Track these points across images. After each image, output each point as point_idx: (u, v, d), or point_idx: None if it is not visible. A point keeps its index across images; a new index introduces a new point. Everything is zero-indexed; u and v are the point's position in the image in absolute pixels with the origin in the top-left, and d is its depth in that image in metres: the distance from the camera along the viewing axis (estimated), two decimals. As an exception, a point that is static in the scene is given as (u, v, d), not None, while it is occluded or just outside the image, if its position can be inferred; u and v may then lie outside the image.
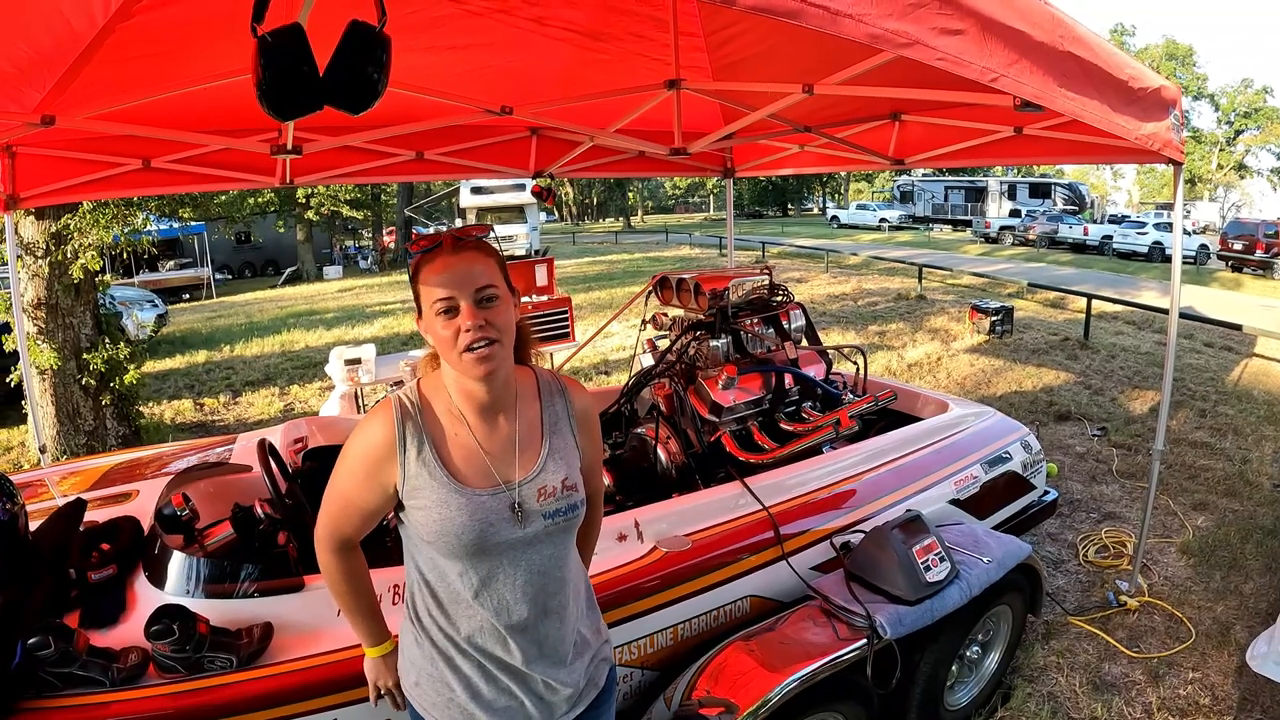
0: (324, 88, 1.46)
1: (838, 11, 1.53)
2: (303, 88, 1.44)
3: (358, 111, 1.49)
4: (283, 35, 1.42)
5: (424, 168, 5.00)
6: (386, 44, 1.51)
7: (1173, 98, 3.16)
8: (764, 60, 3.96)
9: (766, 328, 3.81)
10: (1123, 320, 12.50)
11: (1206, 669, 3.61)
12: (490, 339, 1.46)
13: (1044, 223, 30.83)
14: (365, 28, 1.49)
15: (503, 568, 1.56)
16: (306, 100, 1.45)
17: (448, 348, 1.48)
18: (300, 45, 1.43)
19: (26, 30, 2.52)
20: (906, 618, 2.56)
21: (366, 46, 1.50)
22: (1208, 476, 5.88)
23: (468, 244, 1.52)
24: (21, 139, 3.81)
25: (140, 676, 2.01)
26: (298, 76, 1.43)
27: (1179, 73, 48.69)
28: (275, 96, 1.44)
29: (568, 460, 1.63)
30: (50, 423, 6.38)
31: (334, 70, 1.48)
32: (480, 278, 1.48)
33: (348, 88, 1.49)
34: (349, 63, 1.49)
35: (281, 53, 1.42)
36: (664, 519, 2.74)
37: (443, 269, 1.47)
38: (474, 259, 1.50)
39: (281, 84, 1.43)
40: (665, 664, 2.56)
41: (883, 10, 1.62)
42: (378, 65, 1.51)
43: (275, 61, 1.41)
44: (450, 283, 1.46)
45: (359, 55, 1.49)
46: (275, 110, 1.45)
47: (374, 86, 1.50)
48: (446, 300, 1.46)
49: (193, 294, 25.00)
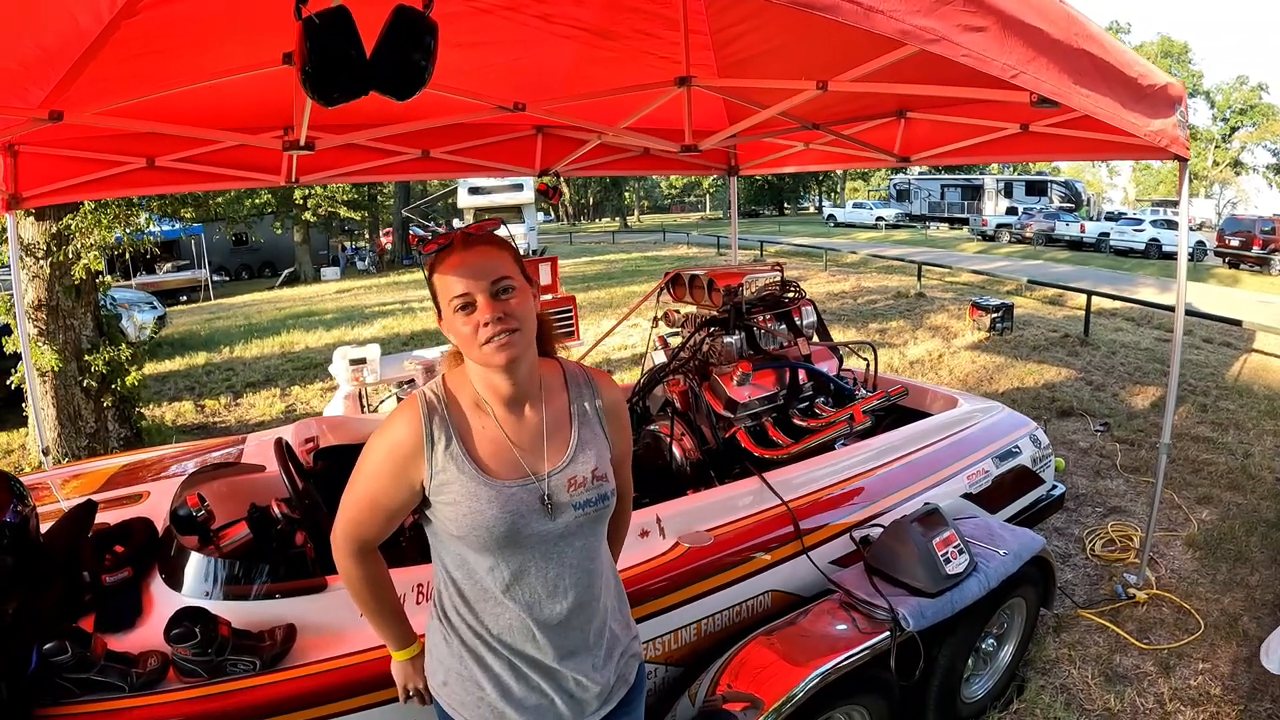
0: (370, 72, 1.44)
1: (871, 7, 1.54)
2: (348, 71, 1.43)
3: (403, 98, 1.47)
4: (329, 17, 1.40)
5: (429, 166, 4.99)
6: (434, 29, 1.49)
7: (1178, 95, 3.17)
8: (772, 58, 3.97)
9: (779, 324, 3.80)
10: (1121, 317, 12.52)
11: (1216, 659, 3.62)
12: (510, 329, 1.46)
13: (1041, 220, 30.87)
14: (413, 12, 1.48)
15: (534, 561, 1.55)
16: (352, 84, 1.44)
17: (469, 343, 1.48)
18: (347, 27, 1.41)
19: (33, 28, 2.52)
20: (928, 610, 2.56)
21: (414, 31, 1.48)
22: (1211, 470, 5.90)
23: (480, 238, 1.52)
24: (24, 138, 3.79)
25: (160, 681, 1.96)
26: (344, 60, 1.41)
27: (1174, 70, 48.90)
28: (320, 79, 1.42)
29: (597, 451, 1.63)
30: (51, 425, 6.34)
31: (380, 55, 1.46)
32: (495, 270, 1.48)
33: (394, 73, 1.47)
34: (396, 48, 1.47)
35: (328, 34, 1.40)
36: (685, 515, 2.73)
37: (458, 265, 1.47)
38: (487, 253, 1.49)
39: (327, 66, 1.41)
40: (689, 660, 2.55)
41: (911, 6, 1.64)
42: (425, 51, 1.49)
43: (321, 44, 1.39)
44: (466, 277, 1.46)
45: (406, 40, 1.47)
46: (319, 93, 1.43)
47: (421, 73, 1.48)
48: (463, 296, 1.46)
49: (190, 296, 24.90)
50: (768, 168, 6.07)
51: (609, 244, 36.41)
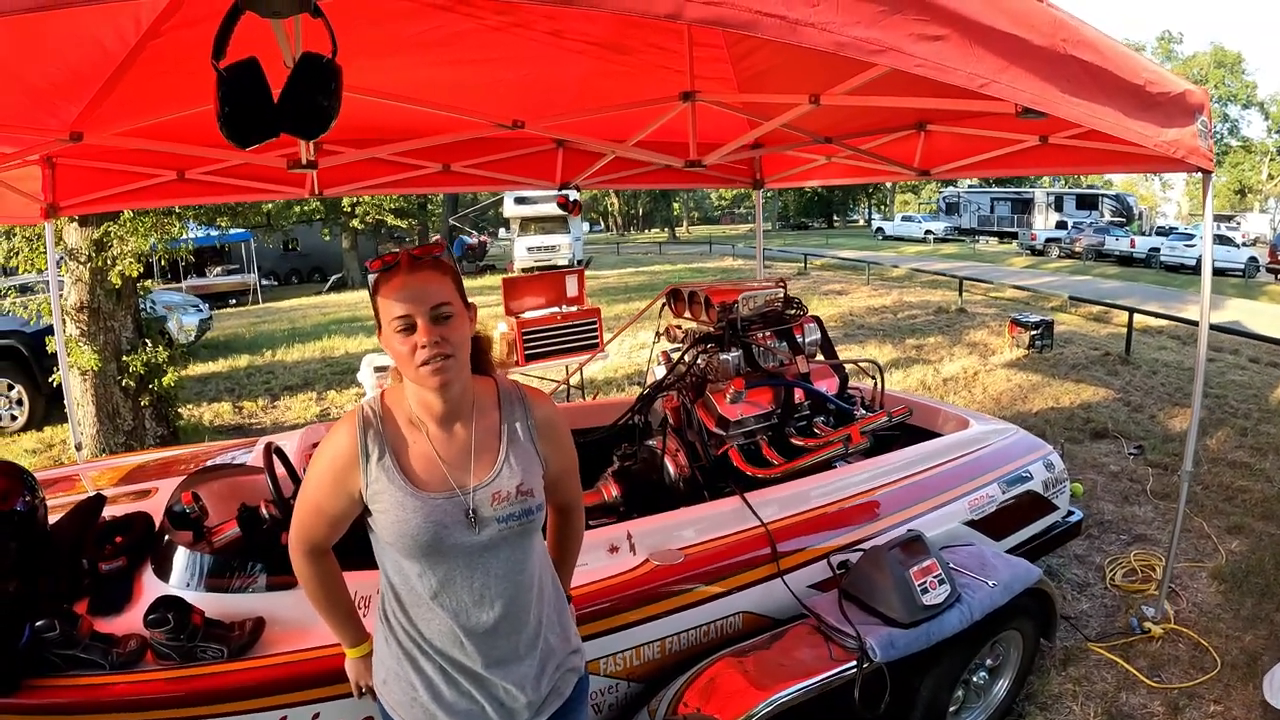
0: (279, 116, 1.54)
1: (797, 21, 1.52)
2: (259, 117, 1.52)
3: (309, 138, 1.57)
4: (238, 70, 1.50)
5: (451, 179, 5.06)
6: (337, 73, 1.59)
7: (1198, 102, 3.06)
8: (783, 71, 3.95)
9: (780, 341, 3.79)
10: (1167, 335, 12.16)
11: (1230, 702, 3.47)
12: (445, 354, 1.52)
13: (1090, 235, 30.20)
14: (316, 59, 1.57)
15: (459, 570, 1.61)
16: (263, 128, 1.53)
17: (405, 362, 1.54)
18: (256, 78, 1.51)
19: (60, 50, 2.64)
20: (899, 640, 2.51)
21: (318, 76, 1.57)
22: (1245, 498, 5.68)
23: (424, 263, 1.58)
24: (61, 151, 3.95)
25: (138, 662, 2.13)
26: (254, 107, 1.51)
27: (1228, 80, 47.50)
28: (234, 126, 1.52)
29: (525, 467, 1.68)
30: (90, 422, 6.59)
31: (287, 99, 1.55)
32: (435, 296, 1.54)
33: (300, 115, 1.57)
34: (302, 92, 1.56)
35: (238, 85, 1.50)
36: (658, 532, 2.75)
37: (400, 287, 1.53)
38: (429, 278, 1.56)
39: (239, 114, 1.51)
40: (650, 677, 2.56)
41: (849, 18, 1.61)
42: (328, 94, 1.58)
43: (233, 94, 1.49)
44: (407, 300, 1.52)
45: (311, 85, 1.57)
46: (235, 138, 1.52)
47: (325, 114, 1.58)
48: (404, 318, 1.52)
49: (239, 299, 25.59)
50: (792, 181, 6.04)
51: (656, 255, 36.48)
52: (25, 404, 8.47)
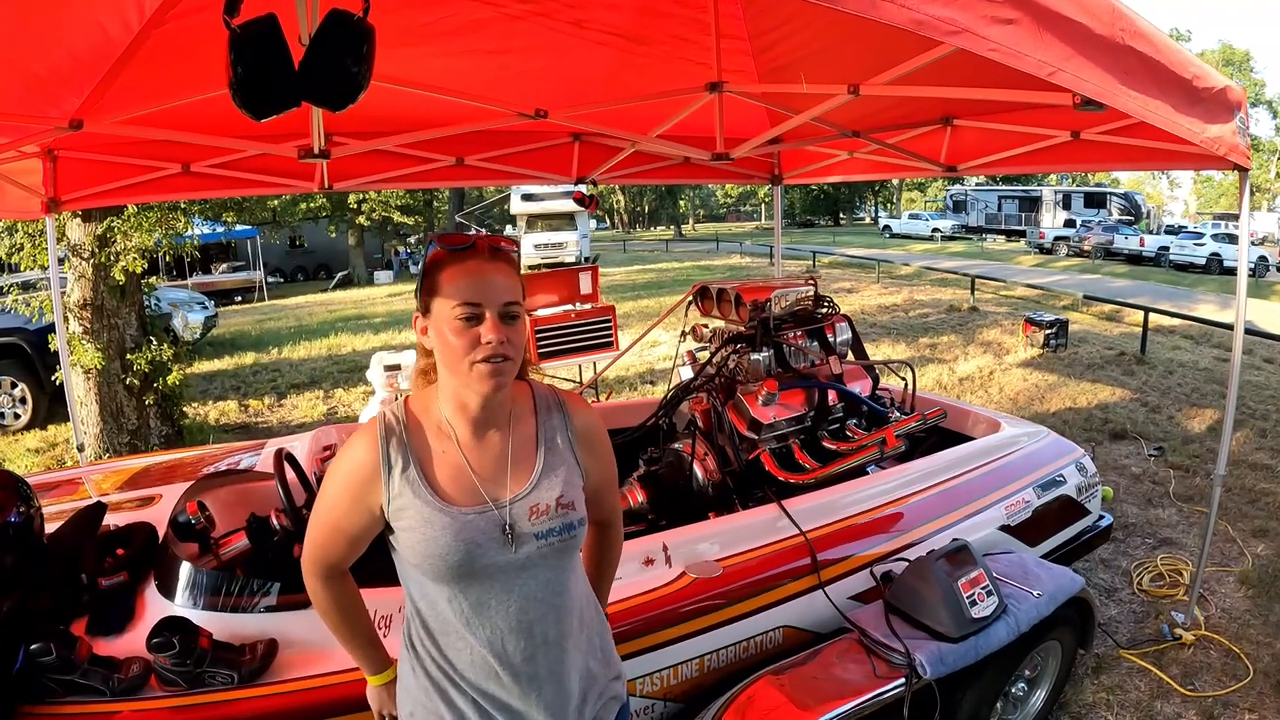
0: (299, 82, 1.35)
1: None
2: (276, 82, 1.33)
3: (337, 109, 1.38)
4: (255, 27, 1.31)
5: (464, 173, 4.94)
6: (369, 34, 1.39)
7: (1238, 100, 2.96)
8: (813, 62, 3.84)
9: (811, 341, 3.66)
10: (1180, 334, 12.04)
11: (1265, 710, 3.37)
12: (506, 355, 1.40)
13: (1099, 233, 30.00)
14: (345, 16, 1.38)
15: (494, 594, 1.46)
16: (281, 96, 1.35)
17: (456, 356, 1.39)
18: (274, 38, 1.32)
19: (63, 38, 2.52)
20: (949, 656, 2.39)
21: (347, 37, 1.38)
22: (1269, 501, 5.56)
23: (503, 254, 1.45)
24: (62, 143, 3.83)
25: (141, 688, 1.99)
26: (271, 71, 1.32)
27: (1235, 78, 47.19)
28: (248, 92, 1.33)
29: (565, 477, 1.53)
30: (94, 421, 6.48)
31: (310, 63, 1.36)
32: (508, 292, 1.42)
33: (326, 82, 1.38)
34: (327, 55, 1.37)
35: (254, 45, 1.31)
36: (694, 543, 2.62)
37: (474, 273, 1.40)
38: (505, 271, 1.44)
39: (254, 79, 1.32)
40: (689, 696, 2.43)
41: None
42: (358, 58, 1.39)
43: (248, 55, 1.30)
44: (480, 290, 1.39)
45: (338, 47, 1.38)
46: (248, 107, 1.35)
47: (355, 80, 1.38)
48: (472, 306, 1.38)
49: (245, 296, 25.50)
50: (812, 177, 5.91)
51: (662, 252, 36.38)
52: (29, 402, 8.37)
